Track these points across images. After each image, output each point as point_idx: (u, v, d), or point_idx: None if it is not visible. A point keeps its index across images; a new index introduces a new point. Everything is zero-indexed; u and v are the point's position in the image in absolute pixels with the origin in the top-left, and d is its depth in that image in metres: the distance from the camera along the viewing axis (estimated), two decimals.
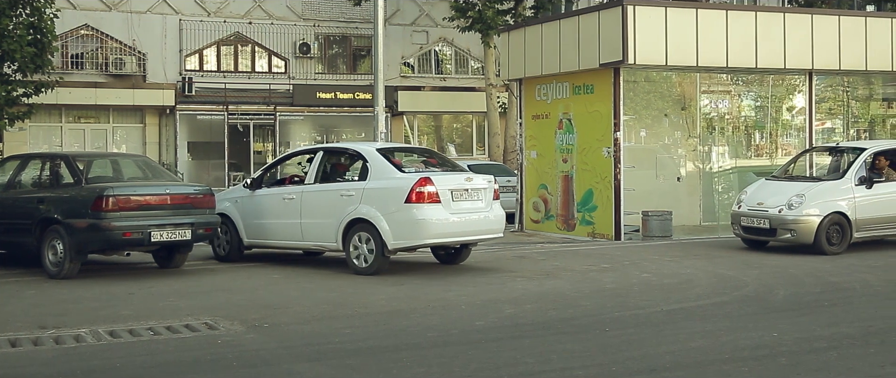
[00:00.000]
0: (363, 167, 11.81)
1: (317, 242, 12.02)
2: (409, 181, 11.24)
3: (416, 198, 11.07)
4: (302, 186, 12.28)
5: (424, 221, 11.11)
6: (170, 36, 29.76)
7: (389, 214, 11.16)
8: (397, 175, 11.44)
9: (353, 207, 11.44)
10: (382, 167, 11.57)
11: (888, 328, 7.99)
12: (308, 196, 12.08)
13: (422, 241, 11.36)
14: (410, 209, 11.10)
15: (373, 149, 12.02)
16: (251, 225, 12.65)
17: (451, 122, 34.40)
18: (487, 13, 25.67)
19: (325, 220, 11.73)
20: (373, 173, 11.57)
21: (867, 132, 19.90)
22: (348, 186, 11.79)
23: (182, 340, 7.74)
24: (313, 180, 12.18)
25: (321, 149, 12.66)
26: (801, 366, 6.67)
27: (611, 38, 15.75)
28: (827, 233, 13.44)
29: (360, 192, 11.51)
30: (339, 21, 31.62)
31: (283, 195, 12.37)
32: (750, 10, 20.48)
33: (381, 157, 11.71)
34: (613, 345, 7.42)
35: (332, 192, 11.89)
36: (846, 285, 10.52)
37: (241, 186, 13.16)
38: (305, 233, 12.02)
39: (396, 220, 11.13)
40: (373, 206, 11.29)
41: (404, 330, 8.10)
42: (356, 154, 12.22)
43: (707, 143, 17.90)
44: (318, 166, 12.26)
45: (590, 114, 16.48)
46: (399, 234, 11.15)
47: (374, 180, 11.48)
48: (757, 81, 18.50)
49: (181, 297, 9.98)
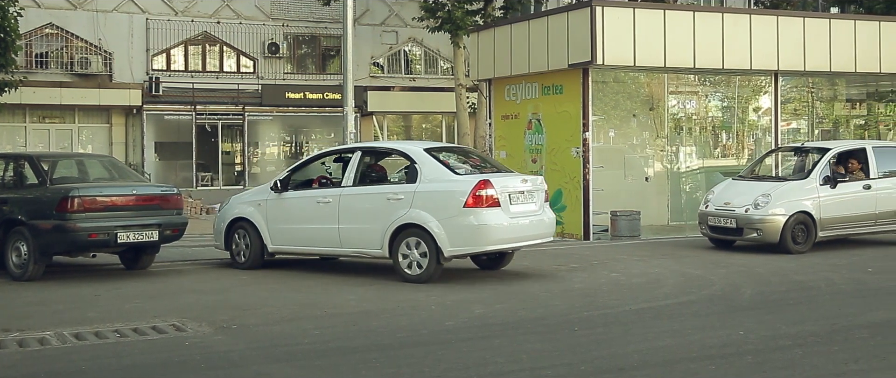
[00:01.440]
0: (411, 168, 11.01)
1: (358, 249, 11.18)
2: (467, 184, 10.55)
3: (476, 202, 10.39)
4: (339, 189, 11.40)
5: (485, 227, 10.43)
6: (136, 35, 29.48)
7: (446, 219, 10.44)
8: (452, 177, 10.76)
9: (404, 212, 10.66)
10: (434, 169, 10.82)
11: (852, 326, 8.09)
12: (348, 199, 11.23)
13: (482, 248, 10.70)
14: (469, 214, 10.41)
15: (420, 149, 11.24)
16: (278, 230, 11.76)
17: (421, 123, 34.39)
18: (457, 13, 25.69)
19: (369, 225, 10.95)
20: (424, 175, 10.77)
21: (831, 132, 20.16)
22: (396, 189, 10.97)
23: (149, 342, 7.67)
24: (352, 182, 11.35)
25: (358, 148, 11.78)
26: (766, 364, 6.75)
27: (579, 38, 15.83)
28: (792, 232, 13.60)
29: (410, 195, 10.69)
30: (309, 21, 31.49)
31: (318, 198, 11.48)
32: (716, 11, 20.70)
33: (432, 159, 10.96)
34: (582, 344, 7.46)
35: (376, 196, 11.06)
36: (811, 284, 10.65)
37: (265, 188, 12.19)
38: (344, 238, 11.19)
39: (454, 226, 10.42)
40: (426, 211, 10.54)
41: (374, 330, 8.09)
42: (402, 154, 11.36)
43: (675, 144, 18.04)
44: (357, 167, 11.41)
45: (559, 114, 16.55)
46: (457, 240, 10.44)
47: (425, 183, 10.70)
48: (724, 82, 18.68)
49: (148, 298, 9.89)
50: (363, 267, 12.15)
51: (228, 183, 30.66)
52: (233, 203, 12.48)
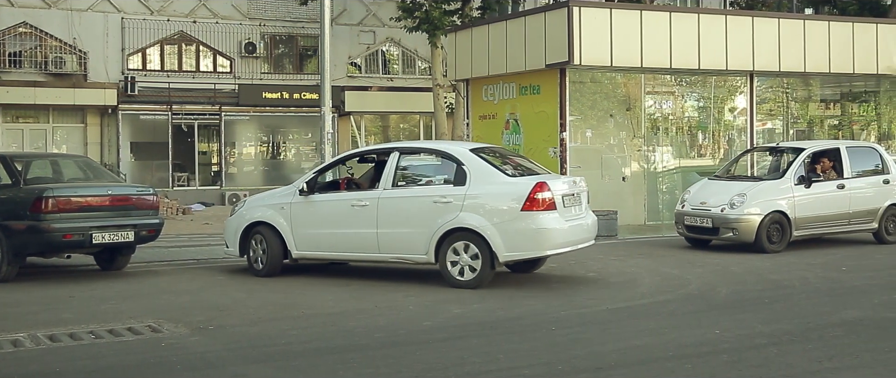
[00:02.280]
0: (458, 170, 10.51)
1: (399, 254, 10.62)
2: (524, 186, 10.15)
3: (534, 205, 10.00)
4: (377, 191, 10.81)
5: (544, 231, 10.06)
6: (112, 34, 29.24)
7: (501, 224, 10.05)
8: (505, 180, 10.37)
9: (454, 216, 10.21)
10: (484, 171, 10.40)
11: (826, 324, 8.17)
12: (387, 202, 10.66)
13: (539, 253, 10.38)
14: (527, 218, 10.01)
15: (465, 150, 10.83)
16: (305, 235, 11.10)
17: (399, 123, 34.35)
18: (434, 14, 25.69)
19: (413, 229, 10.45)
20: (473, 177, 10.32)
21: (806, 132, 20.33)
22: (444, 192, 10.46)
23: (125, 344, 7.61)
24: (390, 185, 10.78)
25: (395, 149, 11.16)
26: (742, 362, 6.80)
27: (557, 39, 15.88)
28: (767, 231, 13.70)
29: (460, 198, 10.25)
30: (286, 20, 31.37)
31: (352, 201, 10.89)
32: (693, 12, 20.84)
33: (482, 160, 10.56)
34: (559, 344, 7.48)
35: (421, 199, 10.58)
36: (786, 283, 10.73)
37: (288, 190, 11.49)
38: (383, 243, 10.63)
39: (510, 230, 10.03)
40: (479, 214, 10.13)
41: (351, 331, 8.07)
42: (447, 156, 10.87)
43: (651, 144, 18.13)
44: (395, 169, 10.85)
45: (536, 114, 16.59)
46: (513, 245, 10.06)
47: (476, 185, 10.27)
48: (700, 82, 18.79)
49: (124, 299, 9.82)
50: (337, 267, 12.11)
51: (205, 183, 30.49)
52: (250, 206, 11.76)
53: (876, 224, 14.85)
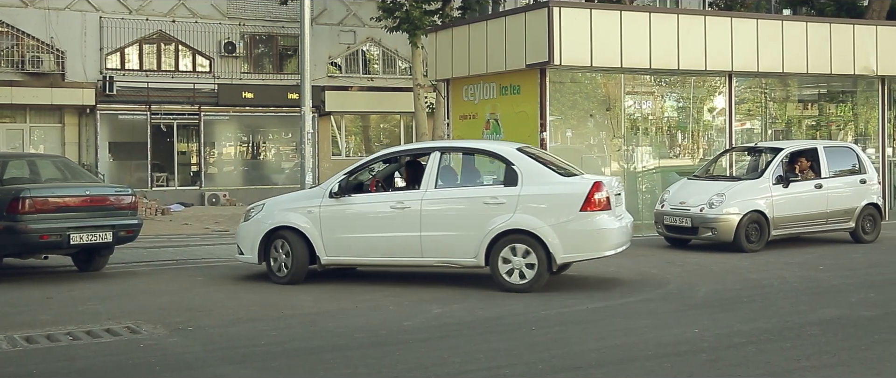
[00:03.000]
0: (508, 170, 10.19)
1: (444, 258, 10.25)
2: (582, 186, 9.94)
3: (592, 205, 9.81)
4: (419, 192, 10.36)
5: (604, 231, 9.92)
6: (90, 34, 29.03)
7: (559, 224, 9.82)
8: (560, 179, 10.14)
9: (507, 217, 9.90)
10: (537, 171, 10.14)
11: (804, 323, 8.23)
12: (432, 204, 10.24)
13: (597, 254, 10.13)
14: (585, 218, 9.82)
15: (513, 149, 10.55)
16: (337, 240, 10.53)
17: (379, 123, 34.31)
18: (415, 13, 25.66)
19: (461, 231, 10.10)
20: (525, 177, 10.02)
21: (784, 132, 20.48)
22: (495, 192, 10.15)
23: (102, 345, 7.56)
24: (433, 185, 10.35)
25: (436, 149, 10.69)
26: (720, 361, 6.83)
27: (537, 39, 15.90)
28: (746, 231, 13.78)
29: (513, 198, 9.94)
30: (266, 20, 31.26)
31: (392, 203, 10.42)
32: (672, 12, 20.93)
33: (532, 160, 10.32)
34: (539, 343, 7.49)
35: (470, 200, 10.23)
36: (764, 282, 10.80)
37: (316, 192, 10.89)
38: (427, 247, 10.21)
39: (568, 231, 9.81)
40: (535, 216, 9.86)
41: (331, 331, 8.05)
42: (494, 155, 10.61)
43: (631, 144, 18.20)
44: (437, 169, 10.43)
45: (516, 114, 16.61)
46: (572, 246, 9.84)
47: (529, 185, 9.98)
48: (679, 83, 18.88)
49: (102, 300, 9.75)
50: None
51: (184, 183, 30.33)
52: (271, 209, 10.99)
53: (853, 223, 14.97)
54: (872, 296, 9.78)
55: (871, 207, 15.17)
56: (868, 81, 19.74)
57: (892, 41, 19.08)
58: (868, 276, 11.31)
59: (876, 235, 15.19)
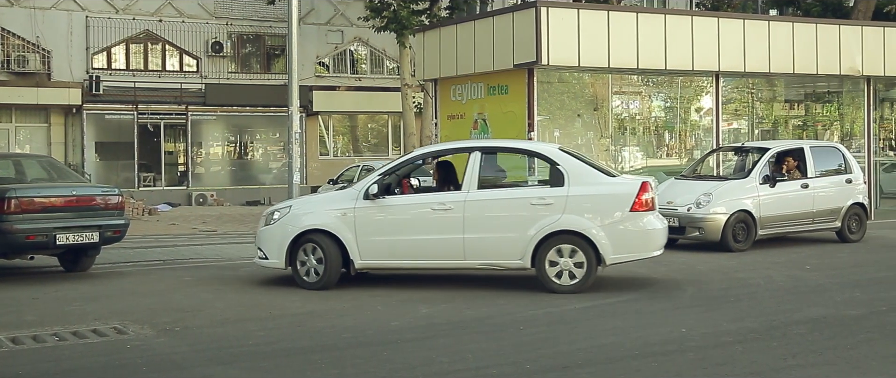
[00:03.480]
0: (553, 170, 10.09)
1: (489, 260, 10.03)
2: (631, 186, 9.95)
3: (641, 205, 9.84)
4: (461, 194, 10.10)
5: (653, 232, 10.00)
6: (76, 33, 28.91)
7: (609, 225, 9.80)
8: (607, 180, 10.10)
9: (556, 217, 9.77)
10: (583, 171, 10.05)
11: (790, 322, 8.26)
12: (476, 205, 9.98)
13: (647, 254, 10.13)
14: (635, 218, 9.85)
15: (556, 149, 10.48)
16: (373, 243, 10.15)
17: (367, 122, 34.30)
18: (402, 13, 25.65)
19: (507, 233, 9.92)
20: (572, 178, 9.90)
21: (771, 132, 20.58)
22: (542, 193, 10.10)
23: (89, 346, 7.53)
24: (476, 186, 10.13)
25: (476, 148, 10.42)
26: (707, 360, 6.86)
27: (525, 39, 15.93)
28: (733, 230, 13.83)
29: (561, 199, 9.82)
30: (253, 20, 31.19)
31: (433, 205, 10.14)
32: (659, 12, 21.00)
33: (578, 160, 10.27)
34: (527, 343, 7.50)
35: (517, 201, 10.10)
36: (751, 281, 10.85)
37: (348, 194, 10.46)
38: (470, 249, 9.96)
39: (618, 231, 9.82)
40: (584, 216, 9.79)
41: (319, 331, 8.05)
42: (537, 155, 10.51)
43: (619, 143, 18.25)
44: (479, 169, 10.19)
45: (504, 114, 16.63)
46: (621, 246, 9.82)
47: (576, 185, 9.87)
48: (666, 83, 18.95)
49: (88, 301, 9.71)
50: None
51: (171, 183, 30.25)
52: (299, 212, 10.51)
53: (839, 223, 15.04)
54: (858, 295, 9.83)
55: (856, 207, 15.24)
56: (854, 81, 19.85)
57: (877, 42, 19.19)
58: (854, 276, 11.37)
59: (862, 235, 15.27)
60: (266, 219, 10.72)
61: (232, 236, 17.98)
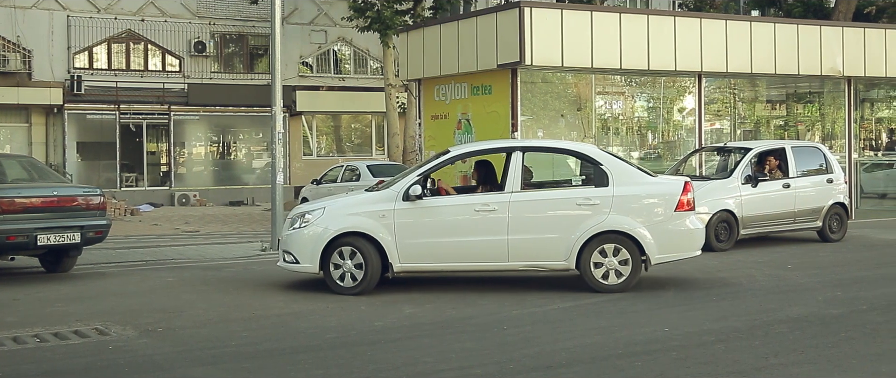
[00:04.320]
0: (597, 170, 10.09)
1: (533, 261, 9.95)
2: (675, 186, 10.08)
3: (684, 205, 9.98)
4: (505, 195, 9.98)
5: (696, 231, 10.15)
6: (57, 33, 28.72)
7: (654, 225, 9.89)
8: (650, 180, 10.22)
9: (602, 218, 9.79)
10: (626, 171, 10.13)
11: (772, 321, 8.31)
12: (520, 206, 9.89)
13: (691, 254, 10.23)
14: (680, 218, 9.98)
15: (597, 149, 10.66)
16: (413, 245, 9.89)
17: (350, 123, 34.24)
18: (386, 13, 25.64)
19: (552, 234, 9.88)
20: (615, 178, 9.94)
21: (752, 132, 20.69)
22: (588, 193, 10.00)
23: (71, 347, 7.48)
24: (519, 187, 10.02)
25: (517, 148, 10.33)
26: (690, 359, 6.89)
27: (508, 39, 15.95)
28: (715, 230, 13.89)
29: (607, 199, 9.84)
30: (236, 19, 31.08)
31: (476, 206, 9.96)
32: (642, 13, 21.06)
33: (620, 160, 10.39)
34: (511, 343, 7.51)
35: (562, 201, 10.05)
36: (733, 280, 10.90)
37: (386, 195, 10.10)
38: (514, 251, 9.85)
39: (663, 231, 9.90)
40: (629, 216, 9.85)
41: (303, 332, 8.03)
42: (582, 155, 10.63)
43: (602, 143, 18.29)
44: (520, 170, 10.10)
45: (488, 114, 16.64)
46: (667, 246, 9.93)
47: (621, 186, 9.92)
48: (649, 83, 19.01)
49: (70, 302, 9.65)
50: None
51: (154, 184, 30.10)
52: (334, 213, 10.11)
53: (820, 222, 15.14)
54: (839, 294, 9.90)
55: (837, 207, 15.35)
56: (835, 82, 19.98)
57: (857, 42, 19.34)
58: (835, 275, 11.45)
59: (842, 234, 15.37)
60: (295, 220, 10.30)
61: (215, 237, 17.91)
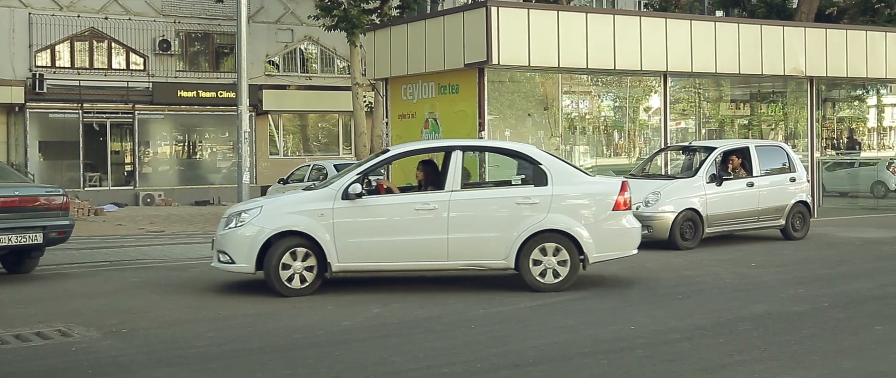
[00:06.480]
0: (536, 170, 10.14)
1: (472, 261, 9.92)
2: (613, 186, 10.20)
3: (622, 204, 10.07)
4: (445, 193, 9.90)
5: (632, 230, 10.23)
6: (18, 30, 28.32)
7: (592, 224, 9.95)
8: (589, 179, 10.31)
9: (541, 217, 9.82)
10: (565, 171, 10.16)
11: (736, 319, 8.40)
12: (460, 205, 9.83)
13: (627, 253, 10.31)
14: (617, 217, 10.07)
15: (536, 149, 10.73)
16: (352, 245, 9.73)
17: (317, 122, 34.12)
18: (353, 12, 25.55)
19: (492, 233, 9.84)
20: (555, 177, 9.98)
21: (717, 132, 20.90)
22: (528, 192, 10.03)
23: (32, 349, 7.38)
24: (459, 186, 9.98)
25: (457, 147, 10.23)
26: (656, 357, 6.94)
27: (475, 38, 15.97)
28: (681, 228, 14.01)
29: (546, 198, 9.87)
30: (201, 18, 30.83)
31: (416, 205, 9.90)
32: (608, 13, 21.19)
33: (559, 160, 10.42)
34: (479, 341, 7.52)
35: (502, 200, 10.08)
36: (699, 278, 11.00)
37: (323, 193, 9.95)
38: (454, 250, 9.80)
39: (600, 230, 9.96)
40: (569, 215, 9.90)
41: (270, 332, 7.98)
42: (521, 155, 10.58)
43: (569, 143, 18.38)
44: (461, 169, 10.07)
45: (455, 113, 16.66)
46: (604, 245, 9.99)
47: (560, 185, 9.96)
48: (615, 82, 19.13)
49: (32, 303, 9.52)
50: None
51: (118, 183, 29.79)
52: (271, 212, 9.90)
53: (783, 221, 15.32)
54: (801, 291, 10.03)
55: (800, 205, 15.53)
56: (797, 82, 20.23)
57: (819, 43, 19.60)
58: (797, 272, 11.59)
59: (805, 232, 15.57)
60: (230, 220, 10.09)
61: (180, 237, 17.76)
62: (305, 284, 9.76)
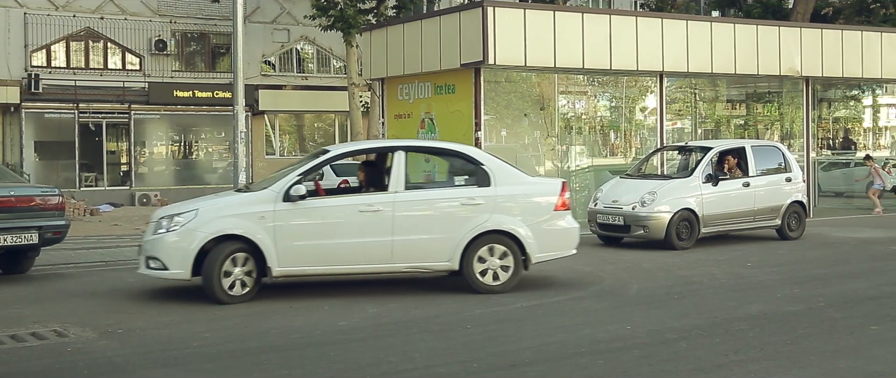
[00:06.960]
0: (479, 171, 10.05)
1: (417, 263, 9.82)
2: (554, 186, 10.34)
3: (563, 205, 10.18)
4: (389, 195, 9.73)
5: (573, 230, 10.32)
6: (14, 30, 28.25)
7: (535, 224, 10.00)
8: (530, 179, 10.44)
9: (485, 217, 9.79)
10: (507, 171, 10.19)
11: (732, 319, 8.41)
12: (405, 206, 9.69)
13: (568, 252, 10.39)
14: (558, 218, 10.16)
15: (477, 149, 10.78)
16: (294, 248, 9.43)
17: (314, 122, 34.09)
18: (349, 12, 25.55)
19: (437, 234, 9.75)
20: (497, 178, 9.98)
21: (713, 132, 20.91)
22: (471, 193, 9.94)
23: (28, 349, 7.37)
24: (403, 187, 9.81)
25: (400, 148, 10.04)
26: (653, 357, 6.95)
27: (471, 38, 15.97)
28: (677, 228, 14.02)
29: (490, 199, 9.86)
30: (197, 18, 30.78)
31: (360, 207, 9.66)
32: (604, 13, 21.19)
33: (501, 160, 10.42)
34: (476, 342, 7.52)
35: (447, 201, 9.99)
36: (694, 278, 11.01)
37: (263, 196, 9.56)
38: (399, 252, 9.64)
39: (542, 231, 10.02)
40: (512, 216, 9.94)
41: (266, 332, 7.98)
42: (464, 156, 10.42)
43: (565, 143, 18.39)
44: (404, 170, 9.89)
45: (451, 113, 16.65)
46: (546, 245, 10.05)
47: (503, 185, 9.98)
48: (611, 83, 19.13)
49: (28, 303, 9.51)
50: None
51: (114, 184, 29.73)
52: (207, 216, 9.47)
53: (779, 221, 15.34)
54: (797, 291, 10.04)
55: (796, 205, 15.55)
56: (793, 82, 20.25)
57: (815, 43, 19.63)
58: (793, 273, 11.60)
59: (801, 232, 15.58)
60: (160, 224, 9.60)
61: None
62: (246, 290, 9.40)
